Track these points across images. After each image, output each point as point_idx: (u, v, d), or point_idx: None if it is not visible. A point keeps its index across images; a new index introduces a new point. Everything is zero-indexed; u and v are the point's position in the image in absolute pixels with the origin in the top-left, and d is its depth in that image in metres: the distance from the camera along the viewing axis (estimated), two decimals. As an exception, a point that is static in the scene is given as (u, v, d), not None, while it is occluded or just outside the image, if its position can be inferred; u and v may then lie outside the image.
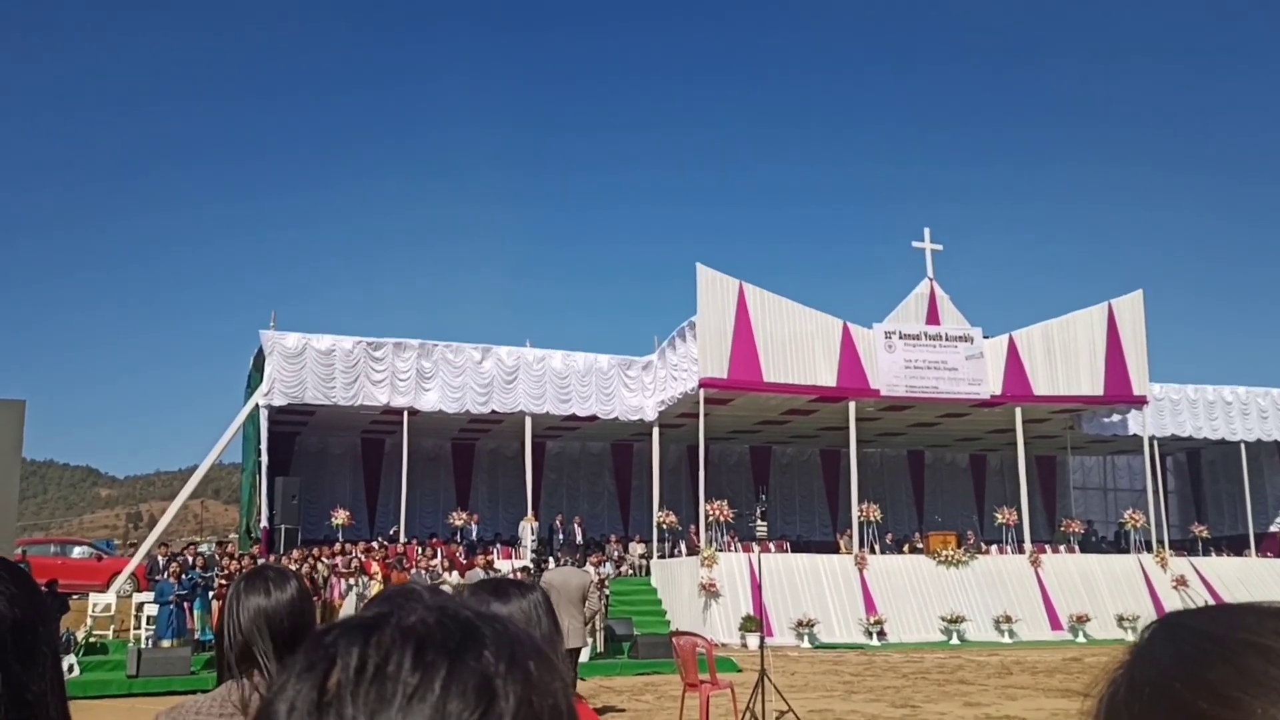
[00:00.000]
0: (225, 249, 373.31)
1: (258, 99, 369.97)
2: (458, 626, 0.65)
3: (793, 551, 27.76)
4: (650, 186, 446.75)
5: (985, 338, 28.76)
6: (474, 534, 28.57)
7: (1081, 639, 25.56)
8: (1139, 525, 29.90)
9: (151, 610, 19.28)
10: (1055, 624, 26.23)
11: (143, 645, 18.14)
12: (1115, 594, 27.17)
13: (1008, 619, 25.50)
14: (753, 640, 21.91)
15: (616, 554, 29.00)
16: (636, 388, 29.15)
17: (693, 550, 26.44)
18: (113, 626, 20.78)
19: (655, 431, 29.24)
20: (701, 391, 26.17)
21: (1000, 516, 29.76)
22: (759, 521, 13.82)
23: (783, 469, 37.99)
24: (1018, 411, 28.86)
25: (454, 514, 28.79)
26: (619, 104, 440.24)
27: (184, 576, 19.13)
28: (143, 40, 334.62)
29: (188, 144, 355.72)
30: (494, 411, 27.82)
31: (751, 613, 23.12)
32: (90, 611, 20.83)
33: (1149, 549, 29.26)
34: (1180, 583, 27.91)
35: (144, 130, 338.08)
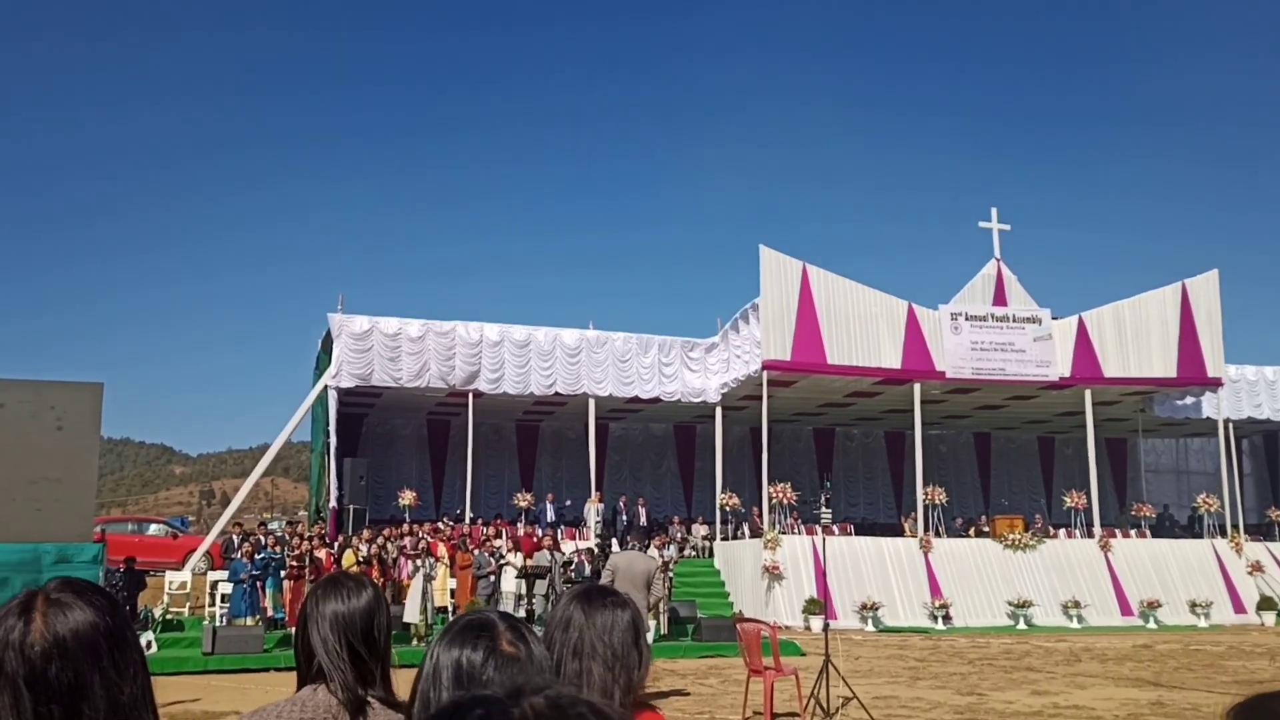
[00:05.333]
0: (296, 232, 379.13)
1: (332, 90, 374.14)
2: None
3: (856, 534, 27.61)
4: (714, 169, 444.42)
5: (1054, 319, 28.26)
6: (549, 514, 28.77)
7: (1152, 625, 25.12)
8: (1213, 509, 29.28)
9: (226, 589, 19.72)
10: (1126, 610, 25.81)
11: (217, 623, 18.55)
12: (1188, 579, 26.66)
13: (1076, 604, 25.14)
14: (816, 623, 21.86)
15: (679, 536, 29.07)
16: (699, 370, 29.12)
17: (756, 532, 26.40)
18: (188, 604, 21.32)
19: (718, 413, 29.20)
20: (765, 374, 26.06)
21: (1069, 500, 29.31)
22: (823, 508, 13.76)
23: (846, 451, 37.74)
24: (1087, 394, 28.36)
25: (519, 494, 29.04)
26: (683, 88, 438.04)
27: (256, 556, 19.53)
28: (216, 33, 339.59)
29: (264, 130, 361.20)
30: (558, 393, 27.98)
31: (815, 595, 23.07)
32: (166, 589, 21.38)
33: (1223, 533, 28.64)
34: (1256, 569, 27.28)
35: (222, 116, 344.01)
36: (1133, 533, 28.77)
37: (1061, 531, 28.49)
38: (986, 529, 27.99)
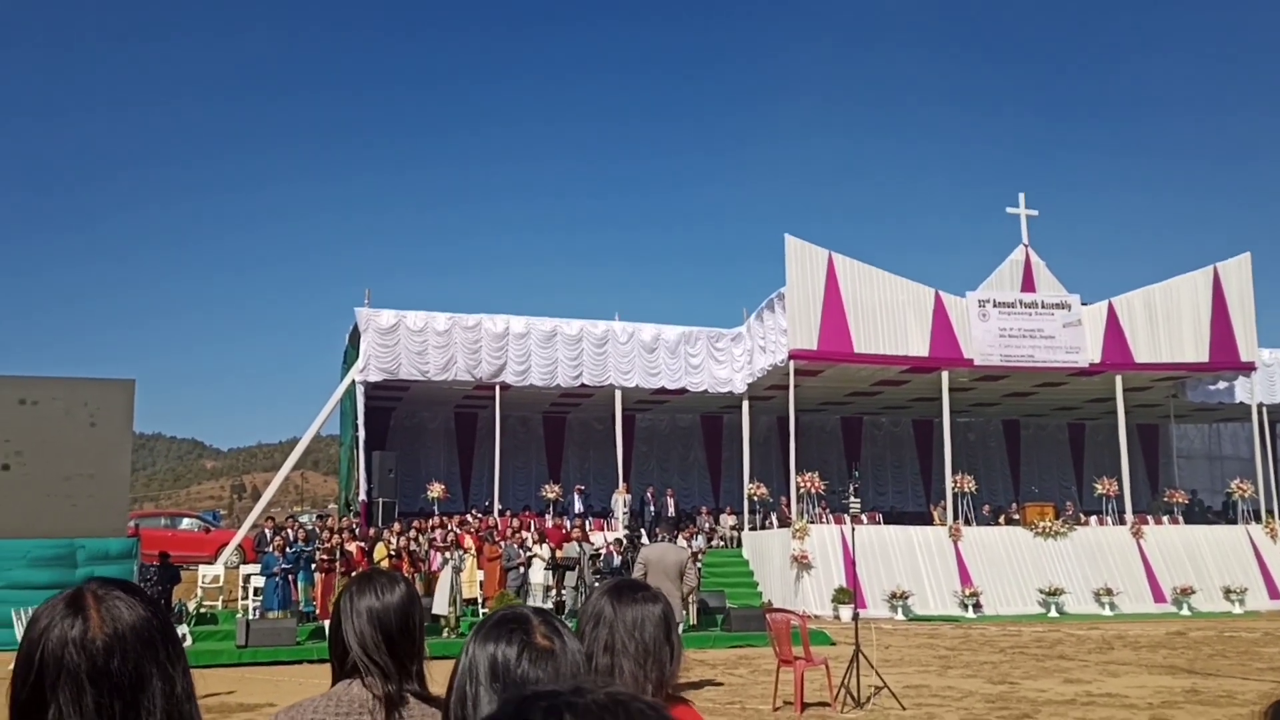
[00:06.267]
0: (324, 227, 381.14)
1: (359, 89, 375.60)
2: None
3: (885, 523, 27.51)
4: (738, 160, 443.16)
5: (1083, 305, 28.03)
6: (577, 506, 28.85)
7: (1186, 612, 24.91)
8: (1247, 495, 28.99)
9: (258, 582, 19.90)
10: (1158, 596, 25.61)
11: (250, 616, 18.73)
12: (1222, 566, 26.41)
13: (1108, 591, 24.97)
14: (845, 612, 21.81)
15: (707, 526, 29.07)
16: (725, 360, 29.09)
17: (784, 522, 26.36)
18: (221, 597, 21.53)
19: (745, 404, 29.18)
20: (791, 363, 25.99)
21: (1100, 487, 29.07)
22: (852, 497, 13.72)
23: (874, 440, 37.61)
24: (1118, 380, 28.12)
25: (547, 486, 29.12)
26: (708, 82, 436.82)
27: (288, 550, 19.69)
28: (241, 32, 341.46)
29: (293, 129, 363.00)
30: (584, 385, 28.02)
31: (844, 585, 23.01)
32: (200, 583, 21.60)
33: (1258, 519, 28.35)
34: (1291, 554, 26.99)
35: (251, 116, 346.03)
36: (1165, 519, 28.52)
37: (1093, 518, 28.27)
38: (1016, 517, 27.82)
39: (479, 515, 25.64)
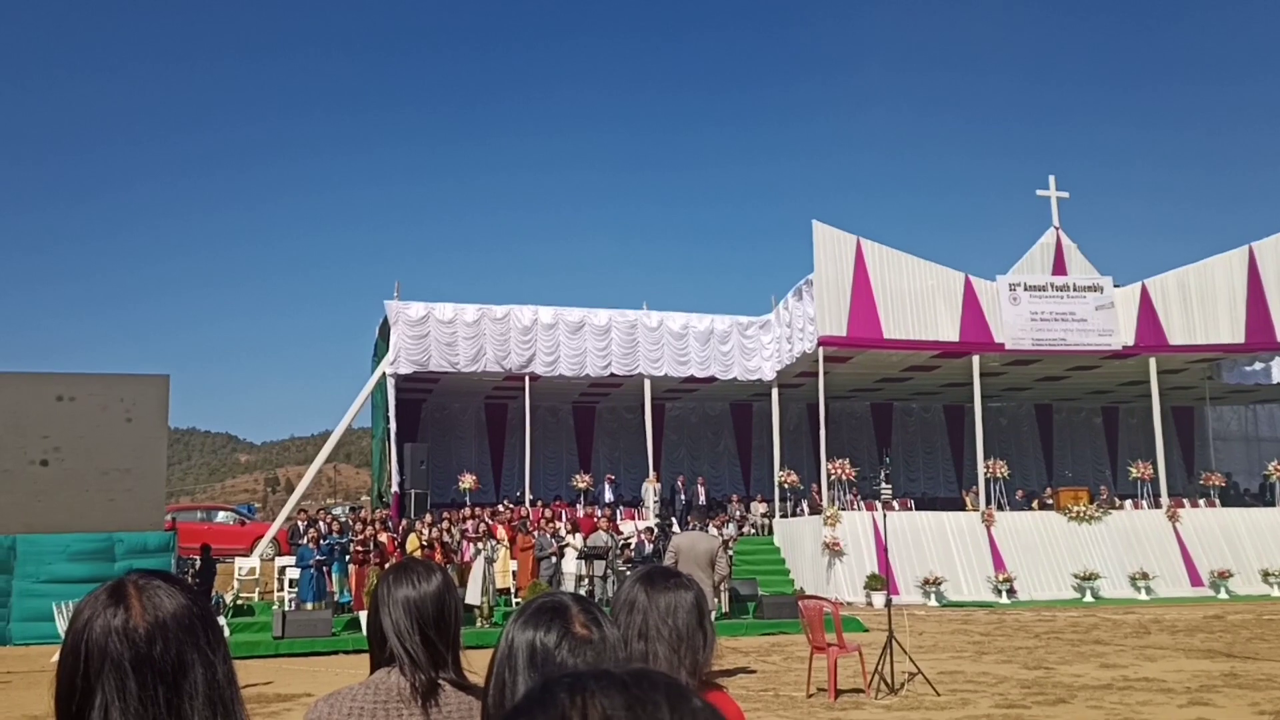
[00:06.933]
0: (352, 221, 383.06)
1: (382, 84, 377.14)
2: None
3: (917, 509, 27.40)
4: (764, 144, 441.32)
5: (1116, 287, 27.76)
6: (607, 495, 28.92)
7: (1224, 595, 24.68)
8: (1285, 477, 28.65)
9: (293, 574, 20.08)
10: (1195, 580, 25.38)
11: (286, 608, 18.91)
12: (1260, 548, 26.14)
13: (1144, 576, 24.77)
14: (878, 599, 21.76)
15: (738, 514, 29.06)
16: (754, 348, 29.03)
17: (815, 509, 26.31)
18: (257, 589, 21.75)
19: (774, 391, 29.12)
20: (820, 350, 25.91)
21: (1135, 470, 28.82)
22: (883, 483, 13.68)
23: (905, 426, 37.45)
24: (1152, 362, 27.84)
25: (578, 476, 29.20)
26: (731, 61, 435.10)
27: (322, 542, 19.85)
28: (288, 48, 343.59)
29: (321, 129, 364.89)
30: (613, 375, 28.06)
31: (876, 571, 22.95)
32: (236, 575, 21.83)
33: (1296, 502, 28.02)
34: (1330, 537, 26.67)
35: (278, 118, 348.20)
36: (1201, 502, 28.24)
37: (1128, 502, 28.04)
38: (1050, 501, 27.63)
39: (510, 506, 25.75)
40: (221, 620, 17.83)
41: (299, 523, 22.80)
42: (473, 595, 18.92)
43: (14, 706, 9.56)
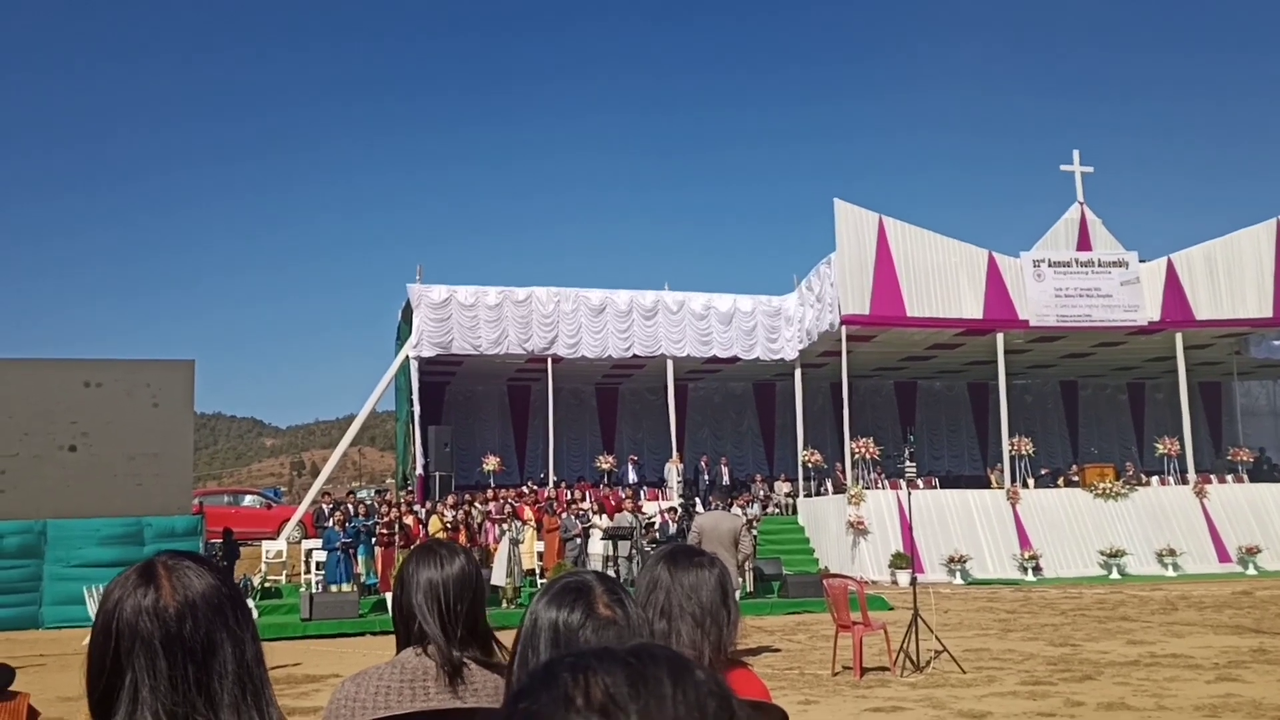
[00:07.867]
0: (374, 206, 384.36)
1: (401, 69, 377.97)
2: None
3: (941, 487, 27.34)
4: (785, 124, 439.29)
5: (1141, 262, 27.52)
6: (630, 476, 28.98)
7: (1252, 571, 24.52)
8: (1314, 452, 28.41)
9: (320, 556, 20.25)
10: (1223, 556, 25.21)
11: (314, 590, 19.08)
12: (1289, 524, 25.92)
13: (1171, 552, 24.63)
14: (903, 577, 21.75)
15: (762, 494, 29.07)
16: (777, 328, 28.97)
17: (839, 488, 26.29)
18: (285, 572, 21.94)
19: (797, 371, 29.07)
20: (843, 329, 25.83)
21: (1161, 447, 28.62)
22: (908, 462, 13.64)
23: (929, 404, 37.33)
24: (1178, 338, 27.61)
25: (601, 457, 29.26)
26: (751, 42, 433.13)
27: (348, 525, 20.00)
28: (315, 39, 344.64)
29: (342, 114, 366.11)
30: (635, 356, 28.07)
31: (901, 549, 22.93)
32: (263, 558, 22.02)
33: (1325, 477, 27.78)
34: (1361, 512, 26.42)
35: (300, 106, 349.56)
36: (1229, 478, 28.04)
37: (1154, 479, 27.87)
38: (1075, 478, 27.50)
39: (534, 487, 25.87)
40: (250, 602, 18.06)
41: (324, 506, 22.97)
42: (498, 577, 19.03)
43: (48, 688, 9.70)
